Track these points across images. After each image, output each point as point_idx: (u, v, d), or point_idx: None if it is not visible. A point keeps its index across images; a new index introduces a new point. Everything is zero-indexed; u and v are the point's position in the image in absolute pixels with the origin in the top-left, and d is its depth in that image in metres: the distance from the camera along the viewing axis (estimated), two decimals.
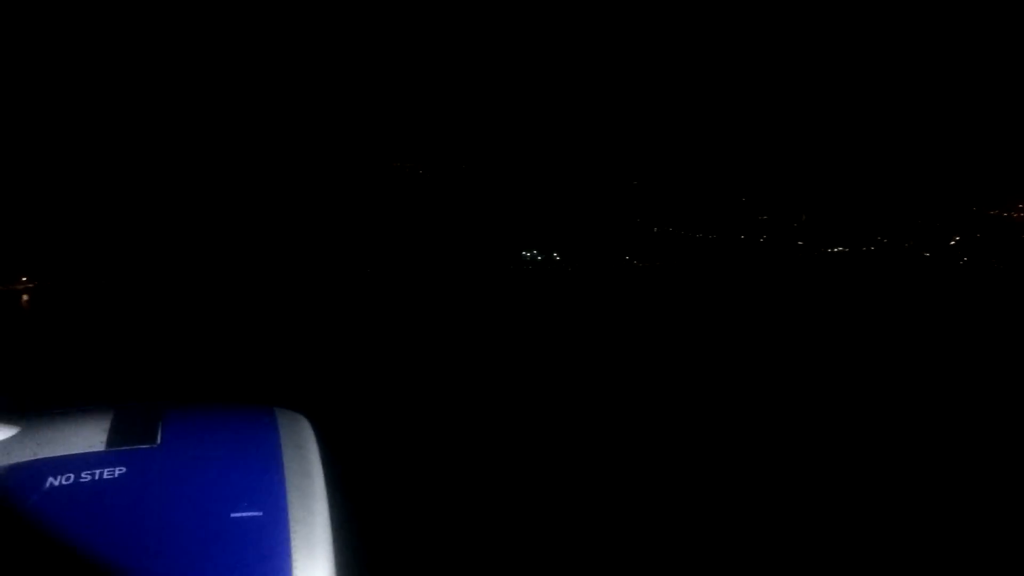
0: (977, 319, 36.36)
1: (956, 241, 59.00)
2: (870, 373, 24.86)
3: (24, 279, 45.87)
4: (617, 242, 35.01)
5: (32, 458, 1.11)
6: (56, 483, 1.06)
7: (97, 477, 1.07)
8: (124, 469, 1.09)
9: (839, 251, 53.88)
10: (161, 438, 1.17)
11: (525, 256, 31.52)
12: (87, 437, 1.15)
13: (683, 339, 31.04)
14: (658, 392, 22.28)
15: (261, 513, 1.05)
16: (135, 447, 1.14)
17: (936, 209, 57.88)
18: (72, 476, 1.07)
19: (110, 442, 1.15)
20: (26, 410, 1.26)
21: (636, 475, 14.30)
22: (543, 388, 22.46)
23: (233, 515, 1.03)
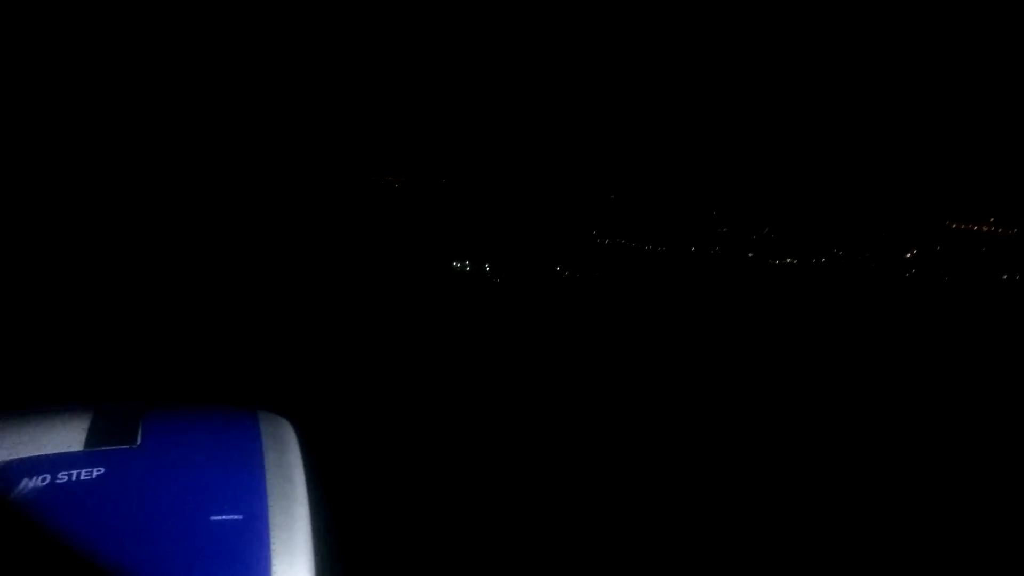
0: (901, 330, 35.77)
1: (913, 254, 58.30)
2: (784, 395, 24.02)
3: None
4: (554, 253, 34.49)
5: (7, 458, 1.09)
6: (32, 484, 1.04)
7: (74, 478, 1.05)
8: (102, 470, 1.07)
9: (788, 263, 53.13)
10: (141, 438, 1.15)
11: (455, 267, 31.13)
12: (64, 437, 1.13)
13: (604, 356, 29.97)
14: (581, 409, 21.54)
15: (241, 516, 1.04)
16: (114, 447, 1.12)
17: (901, 221, 57.70)
18: (48, 477, 1.04)
19: (88, 442, 1.12)
20: (0, 408, 1.24)
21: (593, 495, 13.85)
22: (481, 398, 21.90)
23: (213, 518, 1.02)
